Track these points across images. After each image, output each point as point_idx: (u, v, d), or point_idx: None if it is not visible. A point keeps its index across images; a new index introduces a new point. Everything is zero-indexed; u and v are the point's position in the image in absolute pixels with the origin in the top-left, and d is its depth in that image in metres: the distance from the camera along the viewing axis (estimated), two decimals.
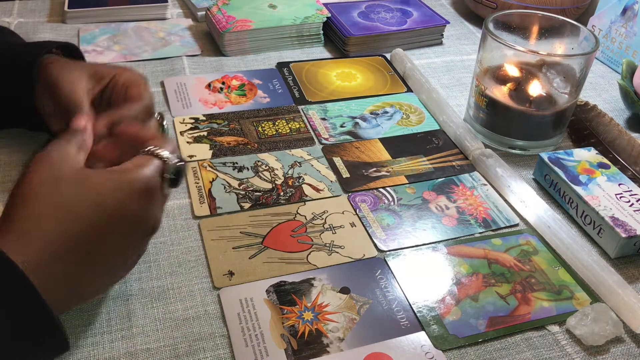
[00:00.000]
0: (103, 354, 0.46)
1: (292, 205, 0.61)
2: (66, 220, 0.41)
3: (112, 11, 0.91)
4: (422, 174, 0.67)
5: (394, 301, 0.52)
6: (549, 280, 0.55)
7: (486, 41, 0.69)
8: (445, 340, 0.49)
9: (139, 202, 0.44)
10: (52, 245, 0.40)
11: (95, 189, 0.42)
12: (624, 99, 0.79)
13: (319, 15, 0.89)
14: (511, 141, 0.71)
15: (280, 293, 0.51)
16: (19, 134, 0.65)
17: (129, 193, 0.43)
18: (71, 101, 0.54)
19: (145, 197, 0.44)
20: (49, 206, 0.41)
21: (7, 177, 0.61)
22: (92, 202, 0.42)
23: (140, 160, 0.45)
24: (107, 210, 0.42)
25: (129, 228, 0.44)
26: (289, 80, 0.81)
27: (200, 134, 0.69)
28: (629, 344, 0.50)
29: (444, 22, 0.93)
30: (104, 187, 0.43)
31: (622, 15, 0.88)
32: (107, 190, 0.43)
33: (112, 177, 0.43)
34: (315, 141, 0.70)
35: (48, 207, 0.41)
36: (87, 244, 0.41)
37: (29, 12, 0.94)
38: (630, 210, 0.58)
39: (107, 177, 0.43)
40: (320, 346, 0.47)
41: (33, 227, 0.40)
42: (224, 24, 0.85)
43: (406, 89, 0.82)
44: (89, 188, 0.42)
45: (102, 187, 0.43)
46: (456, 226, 0.60)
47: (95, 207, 0.42)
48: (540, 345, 0.49)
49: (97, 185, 0.43)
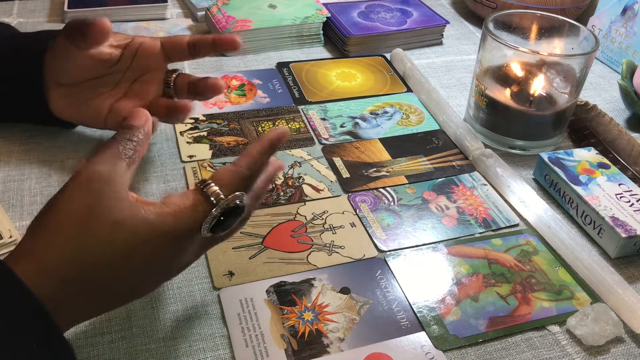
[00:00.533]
0: (103, 354, 0.46)
1: (292, 206, 0.61)
2: (90, 262, 0.38)
3: (112, 11, 0.91)
4: (422, 174, 0.67)
5: (394, 301, 0.52)
6: (549, 280, 0.55)
7: (486, 41, 0.69)
8: (446, 341, 0.49)
9: (170, 250, 0.40)
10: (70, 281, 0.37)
11: (131, 233, 0.38)
12: (624, 99, 0.79)
13: (319, 15, 0.89)
14: (511, 141, 0.71)
15: (281, 293, 0.51)
16: (19, 134, 0.65)
17: (164, 241, 0.40)
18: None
19: (179, 244, 0.41)
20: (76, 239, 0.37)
21: (7, 177, 0.61)
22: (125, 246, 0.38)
23: (187, 204, 0.40)
24: (137, 258, 0.39)
25: (154, 271, 0.41)
26: (288, 80, 0.81)
27: (200, 134, 0.69)
28: (629, 344, 0.50)
29: (444, 22, 0.93)
30: (138, 235, 0.39)
31: (622, 15, 0.88)
32: (142, 237, 0.39)
33: (148, 224, 0.39)
34: (315, 141, 0.70)
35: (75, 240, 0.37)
36: (110, 283, 0.39)
37: (29, 12, 0.94)
38: (630, 210, 0.58)
39: (143, 222, 0.39)
40: (320, 346, 0.47)
41: (54, 256, 0.37)
42: (224, 24, 0.85)
43: (406, 89, 0.82)
44: (126, 231, 0.38)
45: (138, 234, 0.38)
46: (456, 226, 0.60)
47: (128, 252, 0.38)
48: (540, 345, 0.49)
49: (133, 230, 0.38)
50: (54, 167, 0.63)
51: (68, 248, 0.37)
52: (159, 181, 0.62)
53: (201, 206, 0.41)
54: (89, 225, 0.37)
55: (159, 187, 0.62)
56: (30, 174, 0.62)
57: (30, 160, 0.64)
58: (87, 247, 0.37)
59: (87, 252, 0.37)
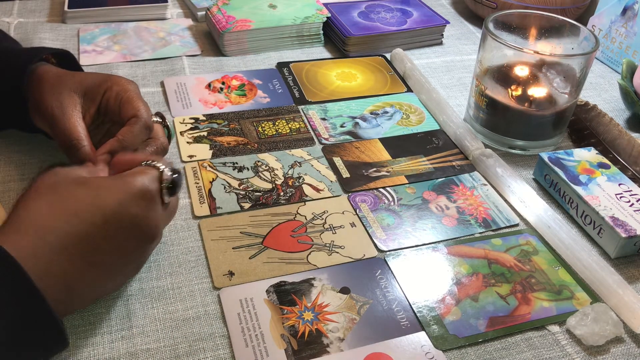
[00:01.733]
0: (103, 354, 0.46)
1: (292, 205, 0.61)
2: (63, 217, 0.42)
3: (112, 11, 0.91)
4: (422, 174, 0.67)
5: (394, 301, 0.52)
6: (549, 280, 0.55)
7: (486, 41, 0.69)
8: (446, 340, 0.49)
9: (137, 204, 0.44)
10: (48, 240, 0.41)
11: (94, 189, 0.44)
12: (624, 99, 0.79)
13: (319, 15, 0.89)
14: (511, 141, 0.71)
15: (281, 293, 0.51)
16: (19, 134, 0.65)
17: (128, 195, 0.44)
18: (70, 139, 0.54)
19: (144, 200, 0.45)
20: (46, 204, 0.42)
21: (7, 177, 0.61)
22: (90, 202, 0.43)
23: (138, 169, 0.47)
24: (106, 210, 0.43)
25: (128, 230, 0.44)
26: (289, 80, 0.81)
27: (200, 134, 0.69)
28: (629, 344, 0.50)
29: (444, 22, 0.93)
30: (103, 188, 0.44)
31: (622, 15, 0.88)
32: (105, 192, 0.44)
33: (111, 181, 0.45)
34: (315, 141, 0.70)
35: (45, 204, 0.42)
36: (85, 242, 0.42)
37: (29, 12, 0.94)
38: (630, 210, 0.58)
39: (106, 180, 0.45)
40: (320, 346, 0.47)
41: (29, 222, 0.41)
42: (224, 24, 0.85)
43: (406, 89, 0.82)
44: (87, 188, 0.44)
45: (101, 189, 0.44)
46: (456, 226, 0.60)
47: (93, 206, 0.43)
48: (540, 345, 0.49)
49: (95, 186, 0.44)
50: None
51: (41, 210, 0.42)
52: None
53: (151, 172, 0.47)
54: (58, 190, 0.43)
55: None
56: (30, 174, 0.62)
57: (30, 160, 0.64)
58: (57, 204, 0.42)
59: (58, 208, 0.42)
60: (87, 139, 0.54)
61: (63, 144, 0.54)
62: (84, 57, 0.82)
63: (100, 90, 0.57)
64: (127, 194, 0.44)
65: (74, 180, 0.45)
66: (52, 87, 0.56)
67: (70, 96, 0.56)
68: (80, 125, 0.55)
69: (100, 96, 0.57)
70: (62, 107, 0.55)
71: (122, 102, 0.56)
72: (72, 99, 0.56)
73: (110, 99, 0.56)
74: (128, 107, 0.56)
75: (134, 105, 0.56)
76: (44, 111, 0.55)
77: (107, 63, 0.82)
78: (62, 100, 0.55)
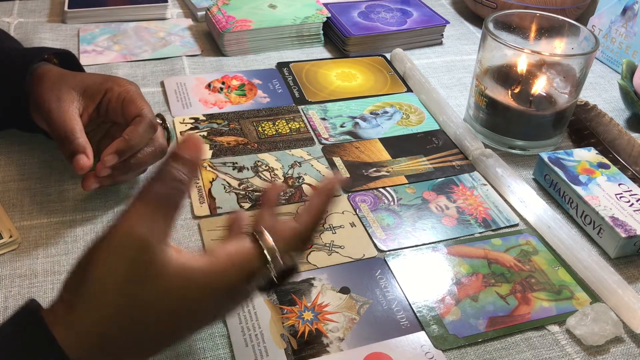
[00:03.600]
0: None
1: (292, 205, 0.61)
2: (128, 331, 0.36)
3: (112, 11, 0.91)
4: (422, 174, 0.67)
5: (393, 301, 0.52)
6: (549, 280, 0.55)
7: (486, 41, 0.69)
8: (445, 340, 0.49)
9: (212, 307, 0.38)
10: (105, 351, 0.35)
11: (169, 303, 0.36)
12: (624, 99, 0.79)
13: (319, 15, 0.89)
14: (511, 141, 0.71)
15: (280, 293, 0.51)
16: (19, 134, 0.65)
17: (205, 302, 0.37)
18: (64, 131, 0.53)
19: (225, 298, 0.39)
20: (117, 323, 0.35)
21: (7, 177, 0.61)
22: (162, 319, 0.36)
23: (235, 259, 0.38)
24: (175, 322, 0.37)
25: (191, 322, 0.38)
26: (289, 80, 0.81)
27: (200, 134, 0.69)
28: (629, 344, 0.50)
29: (444, 22, 0.93)
30: (184, 299, 0.36)
31: (622, 15, 0.88)
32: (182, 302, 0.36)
33: (197, 286, 0.36)
34: (315, 141, 0.70)
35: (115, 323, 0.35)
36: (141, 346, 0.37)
37: (29, 12, 0.94)
38: (630, 210, 0.58)
39: (187, 284, 0.36)
40: (320, 346, 0.47)
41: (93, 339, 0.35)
42: (224, 24, 0.85)
43: (406, 89, 0.82)
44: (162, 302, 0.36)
45: (181, 300, 0.36)
46: (456, 226, 0.60)
47: (163, 323, 0.36)
48: (540, 345, 0.49)
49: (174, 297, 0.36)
50: (54, 167, 0.63)
51: (108, 323, 0.35)
52: None
53: (255, 262, 0.38)
54: (129, 300, 0.35)
55: None
56: (30, 174, 0.62)
57: (30, 160, 0.64)
58: (128, 318, 0.35)
59: (126, 323, 0.35)
60: (81, 133, 0.54)
61: (57, 137, 0.54)
62: (84, 57, 0.82)
63: (100, 90, 0.57)
64: (210, 297, 0.37)
65: (155, 281, 0.35)
66: (52, 85, 0.56)
67: (69, 92, 0.56)
68: (75, 119, 0.54)
69: (101, 96, 0.57)
70: (59, 101, 0.55)
71: (125, 102, 0.56)
72: (70, 95, 0.56)
73: (111, 99, 0.56)
74: (131, 106, 0.55)
75: (137, 104, 0.56)
76: (41, 105, 0.55)
77: (107, 63, 0.82)
78: (60, 96, 0.55)
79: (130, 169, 0.56)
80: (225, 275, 0.37)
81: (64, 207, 0.58)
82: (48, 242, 0.55)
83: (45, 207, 0.58)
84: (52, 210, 0.58)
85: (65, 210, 0.58)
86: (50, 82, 0.57)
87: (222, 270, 0.37)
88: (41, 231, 0.56)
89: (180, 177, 0.37)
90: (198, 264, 0.37)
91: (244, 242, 0.39)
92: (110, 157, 0.52)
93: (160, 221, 0.36)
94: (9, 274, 0.51)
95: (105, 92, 0.57)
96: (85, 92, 0.57)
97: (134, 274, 0.35)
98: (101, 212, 0.58)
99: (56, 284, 0.51)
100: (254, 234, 0.39)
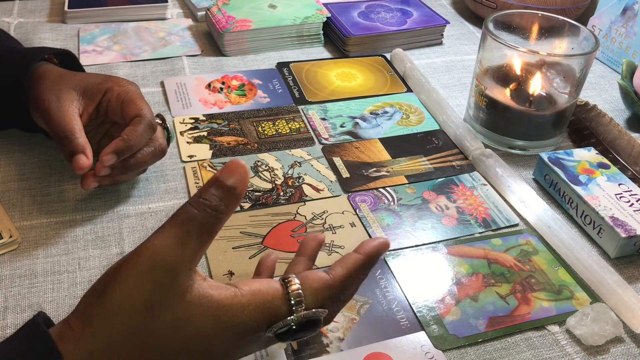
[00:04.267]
0: None
1: (292, 205, 0.61)
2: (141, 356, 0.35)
3: (112, 11, 0.91)
4: (422, 174, 0.67)
5: (393, 301, 0.52)
6: (549, 280, 0.55)
7: (486, 41, 0.69)
8: (445, 340, 0.49)
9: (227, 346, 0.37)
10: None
11: (188, 333, 0.35)
12: (624, 99, 0.79)
13: (319, 15, 0.89)
14: (511, 141, 0.71)
15: None
16: (19, 134, 0.65)
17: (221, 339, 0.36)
18: (64, 131, 0.53)
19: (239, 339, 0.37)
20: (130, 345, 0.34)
21: (7, 176, 0.61)
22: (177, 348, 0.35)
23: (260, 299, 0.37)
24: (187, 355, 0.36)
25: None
26: (289, 80, 0.81)
27: (200, 134, 0.69)
28: (629, 344, 0.50)
29: (444, 22, 0.93)
30: (200, 330, 0.35)
31: (622, 15, 0.88)
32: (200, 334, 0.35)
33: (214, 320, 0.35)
34: (315, 141, 0.70)
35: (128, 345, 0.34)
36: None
37: (29, 12, 0.94)
38: (630, 210, 0.58)
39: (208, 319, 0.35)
40: (320, 346, 0.47)
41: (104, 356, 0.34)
42: (224, 24, 0.85)
43: (406, 89, 0.82)
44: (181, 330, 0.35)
45: (198, 331, 0.35)
46: (456, 226, 0.60)
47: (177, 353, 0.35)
48: (540, 345, 0.49)
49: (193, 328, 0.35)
50: (54, 167, 0.63)
51: (121, 344, 0.34)
52: (159, 181, 0.62)
53: (277, 305, 0.37)
54: (147, 325, 0.34)
55: (158, 186, 0.62)
56: (30, 174, 0.62)
57: (30, 160, 0.64)
58: (141, 342, 0.34)
59: (140, 347, 0.34)
60: (81, 133, 0.54)
61: (56, 136, 0.54)
62: (84, 57, 0.82)
63: (100, 90, 0.57)
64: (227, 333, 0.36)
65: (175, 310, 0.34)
66: (52, 84, 0.56)
67: (69, 92, 0.56)
68: (75, 119, 0.54)
69: (101, 96, 0.57)
70: (58, 100, 0.55)
71: (125, 102, 0.56)
72: (69, 95, 0.56)
73: (111, 99, 0.56)
74: (131, 106, 0.55)
75: (136, 105, 0.56)
76: (40, 105, 0.55)
77: (107, 63, 0.82)
78: (60, 95, 0.55)
79: (130, 169, 0.56)
80: (244, 311, 0.36)
81: (64, 207, 0.58)
82: (48, 242, 0.55)
83: (45, 207, 0.58)
84: (52, 210, 0.58)
85: (65, 210, 0.58)
86: (50, 81, 0.56)
87: (243, 305, 0.36)
88: (41, 231, 0.56)
89: (220, 208, 0.35)
90: (220, 296, 0.36)
91: (271, 283, 0.38)
92: (109, 156, 0.52)
93: (190, 246, 0.34)
94: (9, 274, 0.51)
95: (105, 92, 0.57)
96: (85, 92, 0.57)
97: (155, 298, 0.34)
98: (101, 212, 0.58)
99: (56, 284, 0.51)
100: (283, 278, 0.38)
